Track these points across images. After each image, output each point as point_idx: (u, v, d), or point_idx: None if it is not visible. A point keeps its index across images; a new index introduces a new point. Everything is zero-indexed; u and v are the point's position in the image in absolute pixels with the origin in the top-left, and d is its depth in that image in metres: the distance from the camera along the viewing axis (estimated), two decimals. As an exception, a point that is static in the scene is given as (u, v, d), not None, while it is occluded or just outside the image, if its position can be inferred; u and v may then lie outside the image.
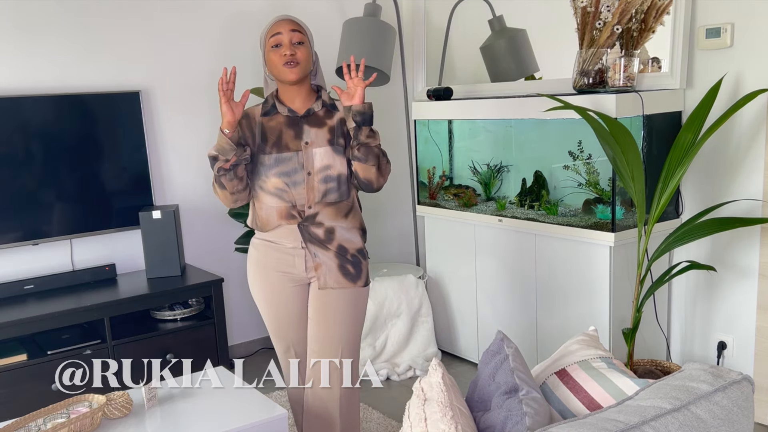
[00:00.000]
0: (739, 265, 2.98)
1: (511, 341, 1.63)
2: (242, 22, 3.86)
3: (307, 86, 2.38)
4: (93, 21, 3.46)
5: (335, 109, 2.39)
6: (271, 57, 2.32)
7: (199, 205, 3.83)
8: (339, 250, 2.38)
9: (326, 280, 2.37)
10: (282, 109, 2.36)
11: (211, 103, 3.82)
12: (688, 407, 1.30)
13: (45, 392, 3.05)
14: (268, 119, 2.37)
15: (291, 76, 2.29)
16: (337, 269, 2.37)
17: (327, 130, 2.35)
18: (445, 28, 4.02)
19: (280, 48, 2.29)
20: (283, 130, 2.35)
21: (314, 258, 2.36)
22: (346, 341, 2.41)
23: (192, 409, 2.35)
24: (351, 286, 2.39)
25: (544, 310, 3.28)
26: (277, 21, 2.33)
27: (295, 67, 2.28)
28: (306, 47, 2.32)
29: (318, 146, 2.33)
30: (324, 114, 2.38)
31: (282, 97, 2.38)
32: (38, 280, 3.35)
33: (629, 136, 2.61)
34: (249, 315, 4.05)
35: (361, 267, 2.42)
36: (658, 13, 2.94)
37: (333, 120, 2.37)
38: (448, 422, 1.37)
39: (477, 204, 3.64)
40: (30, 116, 3.27)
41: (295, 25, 2.31)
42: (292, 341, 2.48)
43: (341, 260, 2.38)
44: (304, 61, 2.31)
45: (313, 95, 2.40)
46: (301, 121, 2.36)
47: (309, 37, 2.35)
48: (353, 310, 2.41)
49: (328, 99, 2.40)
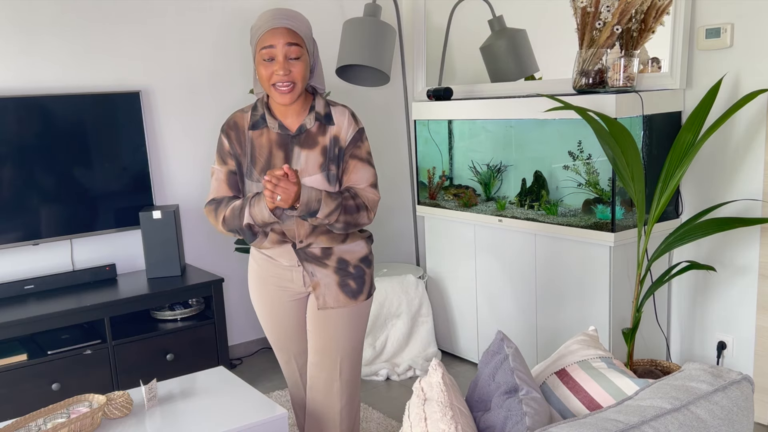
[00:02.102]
0: (738, 265, 2.98)
1: (511, 341, 1.64)
2: (242, 21, 3.86)
3: (301, 98, 2.15)
4: (93, 21, 3.46)
5: (330, 123, 2.16)
6: (262, 72, 2.07)
7: (199, 205, 3.84)
8: (339, 264, 2.23)
9: (325, 300, 2.23)
10: (272, 123, 2.15)
11: (211, 103, 3.82)
12: (688, 407, 1.30)
13: (45, 392, 3.05)
14: (257, 134, 2.16)
15: (283, 100, 2.08)
16: (336, 287, 2.23)
17: (319, 152, 2.14)
18: (445, 28, 4.02)
19: (273, 64, 2.04)
20: (273, 152, 2.14)
21: (312, 277, 2.22)
22: (345, 353, 2.30)
23: (192, 409, 2.35)
24: (352, 303, 2.25)
25: (544, 310, 3.28)
26: (271, 28, 2.04)
27: (289, 92, 2.06)
28: (303, 61, 2.06)
29: (309, 174, 2.12)
30: (317, 130, 2.15)
31: (273, 107, 2.17)
32: (38, 280, 3.35)
33: (629, 137, 2.61)
34: (249, 315, 4.05)
35: (364, 279, 2.26)
36: (658, 13, 2.94)
37: (326, 137, 2.15)
38: (448, 422, 1.37)
39: (477, 204, 3.64)
40: (30, 116, 3.27)
41: (291, 37, 2.03)
42: (292, 353, 2.45)
43: (341, 276, 2.23)
44: (300, 80, 2.07)
45: (308, 104, 2.17)
46: (292, 141, 2.14)
47: (308, 45, 2.10)
48: (353, 324, 2.29)
49: (323, 109, 2.17)
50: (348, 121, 2.18)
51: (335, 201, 2.08)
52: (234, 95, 3.87)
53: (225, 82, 3.85)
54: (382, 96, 4.26)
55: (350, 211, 2.11)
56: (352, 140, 2.17)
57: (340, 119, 2.17)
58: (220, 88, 3.84)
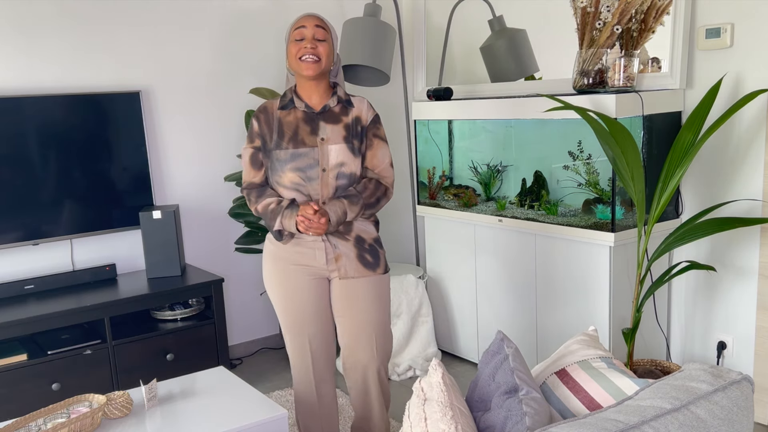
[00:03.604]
0: (738, 265, 2.98)
1: (511, 341, 1.64)
2: (242, 21, 3.86)
3: (325, 83, 2.44)
4: (93, 21, 3.46)
5: (350, 105, 2.46)
6: (291, 49, 2.38)
7: (199, 205, 3.84)
8: (357, 240, 2.46)
9: (347, 270, 2.44)
10: (299, 104, 2.43)
11: (211, 103, 3.82)
12: (688, 407, 1.30)
13: (45, 392, 3.05)
14: (285, 113, 2.43)
15: (308, 72, 2.36)
16: (356, 259, 2.45)
17: (342, 127, 2.43)
18: (445, 28, 4.02)
19: (302, 41, 2.36)
20: (300, 126, 2.41)
21: (334, 249, 2.43)
22: (376, 327, 2.48)
23: (192, 409, 2.35)
24: (371, 274, 2.46)
25: (544, 310, 3.29)
26: (303, 15, 2.40)
27: (314, 63, 2.35)
28: (328, 44, 2.38)
29: (334, 143, 2.39)
30: (340, 110, 2.45)
31: (300, 91, 2.44)
32: (38, 280, 3.35)
33: (629, 137, 2.61)
34: (249, 315, 4.05)
35: (379, 255, 2.49)
36: (658, 13, 2.94)
37: (348, 117, 2.44)
38: (448, 422, 1.37)
39: (477, 204, 3.64)
40: (30, 116, 3.27)
41: (320, 21, 2.38)
42: (309, 335, 2.49)
43: (360, 250, 2.45)
44: (325, 57, 2.37)
45: (330, 91, 2.46)
46: (317, 117, 2.42)
47: (332, 36, 2.42)
48: (377, 295, 2.48)
49: (344, 95, 2.47)
50: (366, 106, 2.50)
51: (357, 204, 2.39)
52: (234, 95, 3.87)
53: (225, 82, 3.85)
54: (382, 96, 4.26)
55: (372, 206, 2.44)
56: (372, 121, 2.48)
57: (359, 104, 2.49)
58: (220, 88, 3.84)
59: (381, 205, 2.48)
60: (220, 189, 3.88)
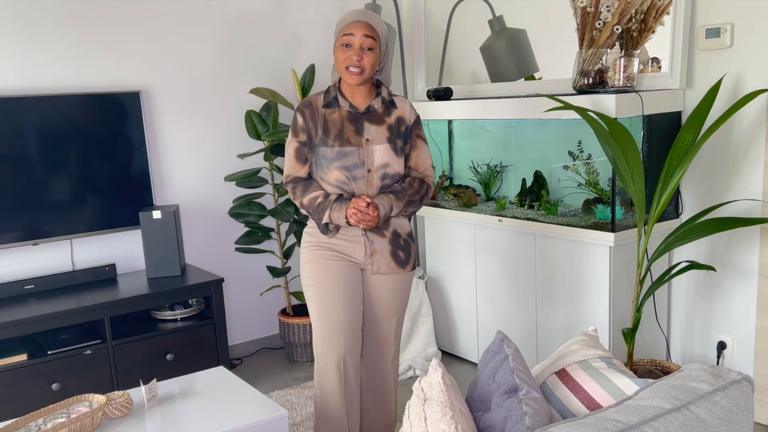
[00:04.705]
0: (738, 265, 2.98)
1: (511, 341, 1.64)
2: (242, 21, 3.86)
3: (369, 83, 2.47)
4: (93, 21, 3.46)
5: (394, 106, 2.50)
6: (339, 55, 2.40)
7: (199, 205, 3.84)
8: (393, 235, 2.52)
9: (379, 265, 2.51)
10: (344, 103, 2.45)
11: (211, 103, 3.82)
12: (688, 407, 1.30)
13: (45, 392, 3.05)
14: (330, 111, 2.46)
15: (352, 81, 2.40)
16: (389, 255, 2.51)
17: (386, 128, 2.46)
18: (445, 28, 4.02)
19: (349, 50, 2.37)
20: (345, 125, 2.44)
21: (372, 245, 2.49)
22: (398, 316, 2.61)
23: (192, 409, 2.35)
24: (401, 271, 2.54)
25: (544, 310, 3.29)
26: (353, 20, 2.37)
27: (358, 75, 2.38)
28: (375, 53, 2.39)
29: (378, 143, 2.43)
30: (383, 111, 2.48)
31: (344, 89, 2.47)
32: (38, 280, 3.35)
33: (629, 137, 2.61)
34: (249, 315, 4.05)
35: (410, 251, 2.57)
36: (658, 13, 2.94)
37: (391, 118, 2.48)
38: (448, 422, 1.37)
39: (477, 204, 3.64)
40: (30, 116, 3.27)
41: (369, 30, 2.37)
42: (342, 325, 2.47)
43: (394, 246, 2.52)
44: (369, 67, 2.38)
45: (374, 91, 2.49)
46: (361, 117, 2.45)
47: (381, 41, 2.42)
48: (401, 291, 2.58)
49: (387, 96, 2.50)
50: (409, 107, 2.55)
51: (403, 201, 2.46)
52: (234, 95, 3.87)
53: (225, 82, 3.85)
54: (382, 96, 4.25)
55: (415, 203, 2.52)
56: (415, 122, 2.55)
57: (402, 105, 2.53)
58: (221, 88, 3.84)
59: (422, 204, 2.55)
60: (220, 189, 3.88)
